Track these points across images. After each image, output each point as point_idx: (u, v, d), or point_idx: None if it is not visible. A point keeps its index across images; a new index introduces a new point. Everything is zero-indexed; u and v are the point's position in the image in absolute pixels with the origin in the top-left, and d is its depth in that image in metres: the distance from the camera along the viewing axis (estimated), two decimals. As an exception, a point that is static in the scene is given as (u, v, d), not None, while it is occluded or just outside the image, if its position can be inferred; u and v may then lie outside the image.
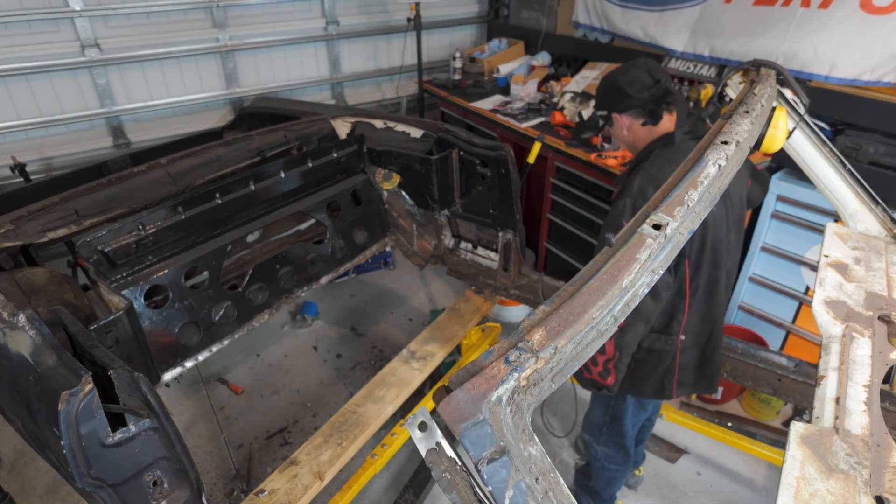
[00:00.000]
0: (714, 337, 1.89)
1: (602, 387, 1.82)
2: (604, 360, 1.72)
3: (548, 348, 0.68)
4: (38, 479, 2.67)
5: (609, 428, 2.12)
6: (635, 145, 1.86)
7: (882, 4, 2.46)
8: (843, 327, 1.38)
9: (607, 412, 2.10)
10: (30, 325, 1.41)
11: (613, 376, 1.75)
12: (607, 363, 1.72)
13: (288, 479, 1.95)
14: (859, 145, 2.57)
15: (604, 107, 1.86)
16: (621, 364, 1.73)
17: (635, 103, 1.77)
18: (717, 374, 1.99)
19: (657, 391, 1.93)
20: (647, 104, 1.77)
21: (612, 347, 1.69)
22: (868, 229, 1.83)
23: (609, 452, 2.19)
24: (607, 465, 2.23)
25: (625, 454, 2.20)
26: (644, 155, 1.79)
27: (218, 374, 3.34)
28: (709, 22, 3.18)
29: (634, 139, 1.85)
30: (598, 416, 2.14)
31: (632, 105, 1.78)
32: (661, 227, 0.90)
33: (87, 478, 1.22)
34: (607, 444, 2.17)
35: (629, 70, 1.79)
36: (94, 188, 2.19)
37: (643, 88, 1.75)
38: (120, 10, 3.42)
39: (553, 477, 0.63)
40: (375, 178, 2.79)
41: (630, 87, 1.75)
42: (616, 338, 1.67)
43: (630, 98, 1.76)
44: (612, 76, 1.82)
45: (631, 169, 1.82)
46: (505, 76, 4.20)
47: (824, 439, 1.07)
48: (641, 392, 1.95)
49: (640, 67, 1.80)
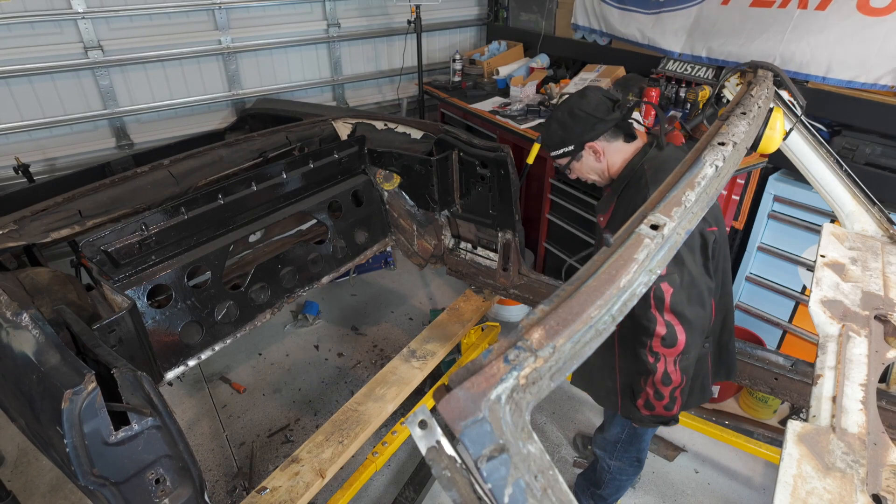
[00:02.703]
0: (728, 324, 1.86)
1: (669, 419, 1.71)
2: (670, 390, 1.61)
3: (547, 347, 0.69)
4: (42, 477, 2.68)
5: (625, 444, 2.04)
6: (610, 169, 1.76)
7: (879, 6, 2.46)
8: (840, 327, 1.39)
9: (624, 430, 2.01)
10: (33, 324, 1.42)
11: (679, 403, 1.65)
12: (674, 391, 1.61)
13: (290, 477, 1.96)
14: (856, 146, 2.57)
15: (570, 141, 1.72)
16: (687, 388, 1.64)
17: (608, 126, 1.68)
18: (734, 361, 1.94)
19: (700, 397, 1.84)
20: (620, 123, 1.70)
21: (679, 374, 1.58)
22: (864, 229, 1.84)
23: (622, 466, 2.13)
24: (619, 477, 2.18)
25: (638, 466, 2.15)
26: (632, 173, 1.70)
27: (220, 373, 3.35)
28: (706, 23, 3.19)
29: (610, 163, 1.74)
30: (614, 434, 2.04)
31: (604, 129, 1.68)
32: (658, 227, 0.91)
33: (90, 476, 1.23)
34: (621, 459, 2.10)
35: (585, 97, 1.71)
36: (97, 189, 2.20)
37: (608, 110, 1.68)
38: (122, 12, 3.42)
39: (552, 475, 0.64)
40: (376, 179, 2.80)
41: (597, 111, 1.67)
42: (681, 361, 1.57)
43: (602, 122, 1.67)
44: (570, 109, 1.71)
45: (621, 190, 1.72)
46: (504, 78, 4.21)
47: (821, 438, 1.08)
48: (687, 404, 1.79)
49: (595, 92, 1.73)
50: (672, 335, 1.52)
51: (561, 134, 1.74)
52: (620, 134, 1.71)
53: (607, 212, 1.78)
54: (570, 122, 1.71)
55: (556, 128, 1.75)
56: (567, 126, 1.72)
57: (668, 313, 1.51)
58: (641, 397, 1.67)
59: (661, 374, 1.58)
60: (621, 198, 1.71)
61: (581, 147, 1.72)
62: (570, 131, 1.72)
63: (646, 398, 1.66)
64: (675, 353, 1.55)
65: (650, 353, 1.56)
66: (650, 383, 1.61)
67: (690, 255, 1.54)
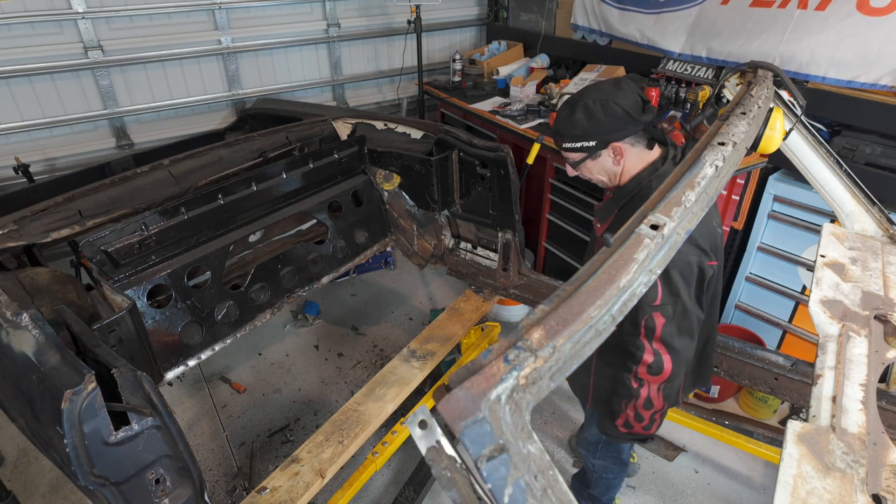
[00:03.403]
0: (710, 341, 1.86)
1: (646, 438, 1.71)
2: (651, 413, 1.59)
3: (546, 347, 0.69)
4: (42, 477, 2.68)
5: (605, 444, 2.06)
6: (620, 176, 1.62)
7: (879, 5, 2.46)
8: (840, 326, 1.39)
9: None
10: (33, 324, 1.42)
11: (658, 424, 1.66)
12: (654, 415, 1.60)
13: (290, 477, 1.96)
14: (856, 146, 2.57)
15: (594, 136, 1.53)
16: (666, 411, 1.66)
17: (638, 127, 1.53)
18: (710, 371, 1.97)
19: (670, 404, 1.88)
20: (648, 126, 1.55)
21: (661, 400, 1.57)
22: (864, 229, 1.84)
23: (606, 465, 2.15)
24: (605, 476, 2.21)
25: (623, 465, 2.17)
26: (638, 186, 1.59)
27: (220, 373, 3.35)
28: (706, 23, 3.19)
29: (627, 168, 1.59)
30: (593, 435, 2.05)
31: (634, 130, 1.53)
32: (658, 227, 0.91)
33: (90, 476, 1.23)
34: (604, 458, 2.12)
35: (622, 90, 1.53)
36: (97, 189, 2.20)
37: (640, 111, 1.52)
38: (122, 12, 3.42)
39: (552, 475, 0.64)
40: (376, 179, 2.80)
41: (632, 109, 1.51)
42: (664, 389, 1.56)
43: (634, 122, 1.51)
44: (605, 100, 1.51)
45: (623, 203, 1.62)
46: (504, 78, 4.21)
47: (821, 438, 1.08)
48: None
49: (631, 86, 1.55)
50: (659, 364, 1.51)
51: (586, 126, 1.53)
52: (645, 138, 1.57)
53: (606, 221, 1.71)
54: (601, 115, 1.51)
55: (581, 118, 1.54)
56: (596, 118, 1.52)
57: (657, 343, 1.50)
58: (621, 418, 1.65)
59: (643, 400, 1.56)
60: (623, 211, 1.61)
61: (605, 145, 1.55)
62: (598, 125, 1.53)
63: (625, 419, 1.64)
64: (660, 380, 1.54)
65: (634, 379, 1.55)
66: (631, 406, 1.60)
67: (686, 288, 1.49)
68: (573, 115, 1.55)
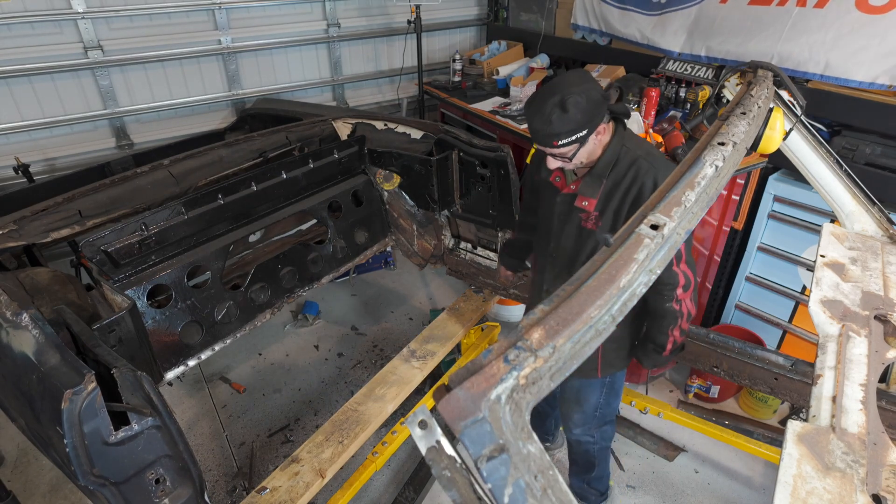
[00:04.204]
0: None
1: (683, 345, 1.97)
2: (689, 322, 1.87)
3: (546, 347, 0.69)
4: (41, 477, 2.68)
5: (604, 407, 2.16)
6: (595, 152, 1.78)
7: (878, 4, 2.46)
8: (840, 326, 1.39)
9: (602, 393, 2.13)
10: (33, 324, 1.42)
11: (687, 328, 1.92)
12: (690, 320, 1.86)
13: (290, 477, 1.96)
14: (856, 146, 2.57)
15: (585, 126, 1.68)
16: None
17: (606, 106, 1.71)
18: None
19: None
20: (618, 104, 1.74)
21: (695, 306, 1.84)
22: (864, 229, 1.84)
23: (605, 429, 2.24)
24: (605, 444, 2.30)
25: (614, 424, 2.30)
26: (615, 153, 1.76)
27: (220, 373, 3.35)
28: (705, 22, 3.19)
29: (600, 145, 1.77)
30: (593, 403, 2.15)
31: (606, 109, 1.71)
32: (658, 227, 0.91)
33: (90, 476, 1.23)
34: (601, 423, 2.21)
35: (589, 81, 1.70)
36: (97, 189, 2.20)
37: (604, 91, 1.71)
38: (122, 12, 3.42)
39: (552, 474, 0.64)
40: (376, 179, 2.80)
41: (605, 94, 1.69)
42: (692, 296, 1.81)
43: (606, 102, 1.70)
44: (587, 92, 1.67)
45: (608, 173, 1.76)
46: (504, 78, 4.21)
47: (821, 438, 1.08)
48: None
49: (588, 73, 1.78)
50: (688, 279, 1.76)
51: (579, 119, 1.66)
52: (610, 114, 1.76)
53: (596, 196, 1.79)
54: (588, 106, 1.65)
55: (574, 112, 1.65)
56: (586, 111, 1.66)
57: (683, 264, 1.73)
58: (670, 343, 1.87)
59: (685, 315, 1.82)
60: (610, 180, 1.76)
61: (593, 130, 1.69)
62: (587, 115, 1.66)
63: (673, 341, 1.87)
64: (692, 291, 1.79)
65: (675, 303, 1.78)
66: (677, 328, 1.84)
67: None
68: (566, 113, 1.65)
